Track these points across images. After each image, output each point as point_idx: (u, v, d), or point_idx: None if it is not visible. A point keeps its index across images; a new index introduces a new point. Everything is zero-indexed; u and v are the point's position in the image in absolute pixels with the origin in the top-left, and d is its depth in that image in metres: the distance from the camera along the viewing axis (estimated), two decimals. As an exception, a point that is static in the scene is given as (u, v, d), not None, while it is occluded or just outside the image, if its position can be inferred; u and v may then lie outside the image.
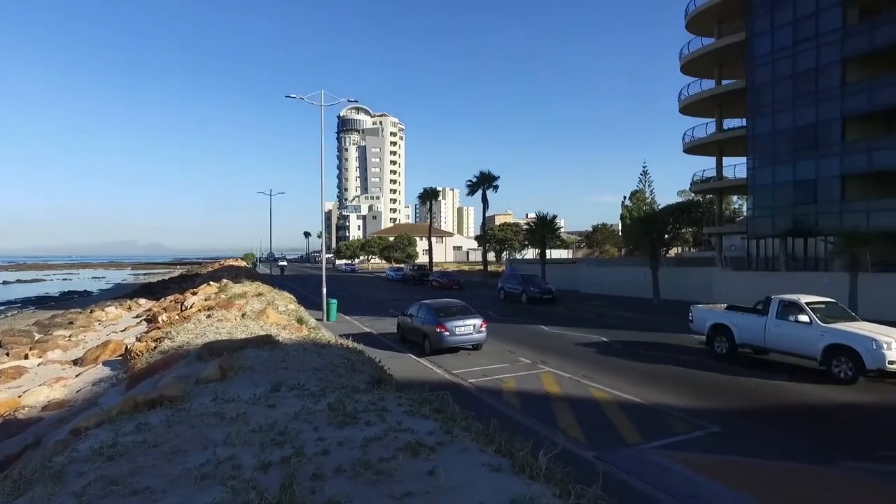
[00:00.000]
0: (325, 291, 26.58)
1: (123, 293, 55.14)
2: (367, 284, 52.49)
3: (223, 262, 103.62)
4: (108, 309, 34.37)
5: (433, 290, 43.23)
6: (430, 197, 67.82)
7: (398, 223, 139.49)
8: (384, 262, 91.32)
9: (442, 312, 17.18)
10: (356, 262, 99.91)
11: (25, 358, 19.05)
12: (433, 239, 68.13)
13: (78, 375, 14.83)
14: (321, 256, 34.59)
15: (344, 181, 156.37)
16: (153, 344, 14.01)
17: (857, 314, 15.40)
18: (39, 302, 51.29)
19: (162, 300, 36.09)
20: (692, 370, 14.37)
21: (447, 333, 16.49)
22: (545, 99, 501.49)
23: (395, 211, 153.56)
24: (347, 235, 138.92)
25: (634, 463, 8.19)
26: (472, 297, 32.00)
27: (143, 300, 40.55)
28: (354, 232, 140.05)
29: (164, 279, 74.30)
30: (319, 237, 65.90)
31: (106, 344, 17.69)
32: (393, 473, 3.79)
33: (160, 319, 20.97)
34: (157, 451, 4.51)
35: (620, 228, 76.86)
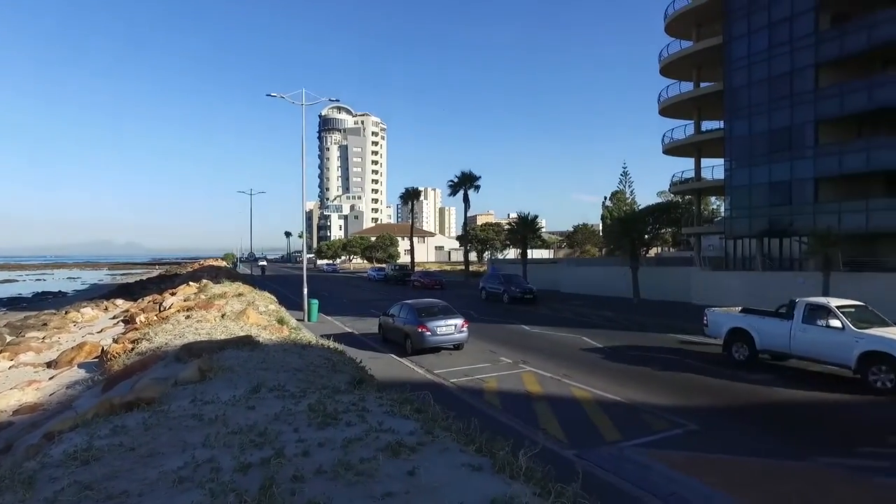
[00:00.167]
0: (306, 291, 26.41)
1: (100, 294, 53.98)
2: (348, 284, 52.24)
3: (203, 262, 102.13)
4: (83, 310, 33.61)
5: (415, 290, 43.25)
6: (411, 197, 67.88)
7: (380, 223, 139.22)
8: (366, 262, 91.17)
9: (423, 312, 17.19)
10: (338, 262, 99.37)
11: (-4, 360, 18.55)
12: (415, 239, 68.22)
13: (52, 378, 14.48)
14: (302, 256, 34.36)
15: (325, 181, 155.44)
16: (130, 345, 13.78)
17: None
18: (11, 303, 49.92)
19: (140, 301, 35.43)
20: (675, 372, 14.58)
21: (429, 333, 16.50)
22: (528, 100, 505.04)
23: (376, 211, 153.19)
24: (329, 235, 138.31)
25: (614, 461, 8.29)
26: (453, 296, 32.04)
27: (120, 301, 39.74)
28: (336, 232, 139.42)
29: (142, 279, 72.94)
30: (301, 237, 65.39)
31: (81, 346, 17.32)
32: (373, 474, 3.79)
33: (138, 320, 20.60)
34: (133, 454, 4.45)
35: (601, 228, 77.74)
